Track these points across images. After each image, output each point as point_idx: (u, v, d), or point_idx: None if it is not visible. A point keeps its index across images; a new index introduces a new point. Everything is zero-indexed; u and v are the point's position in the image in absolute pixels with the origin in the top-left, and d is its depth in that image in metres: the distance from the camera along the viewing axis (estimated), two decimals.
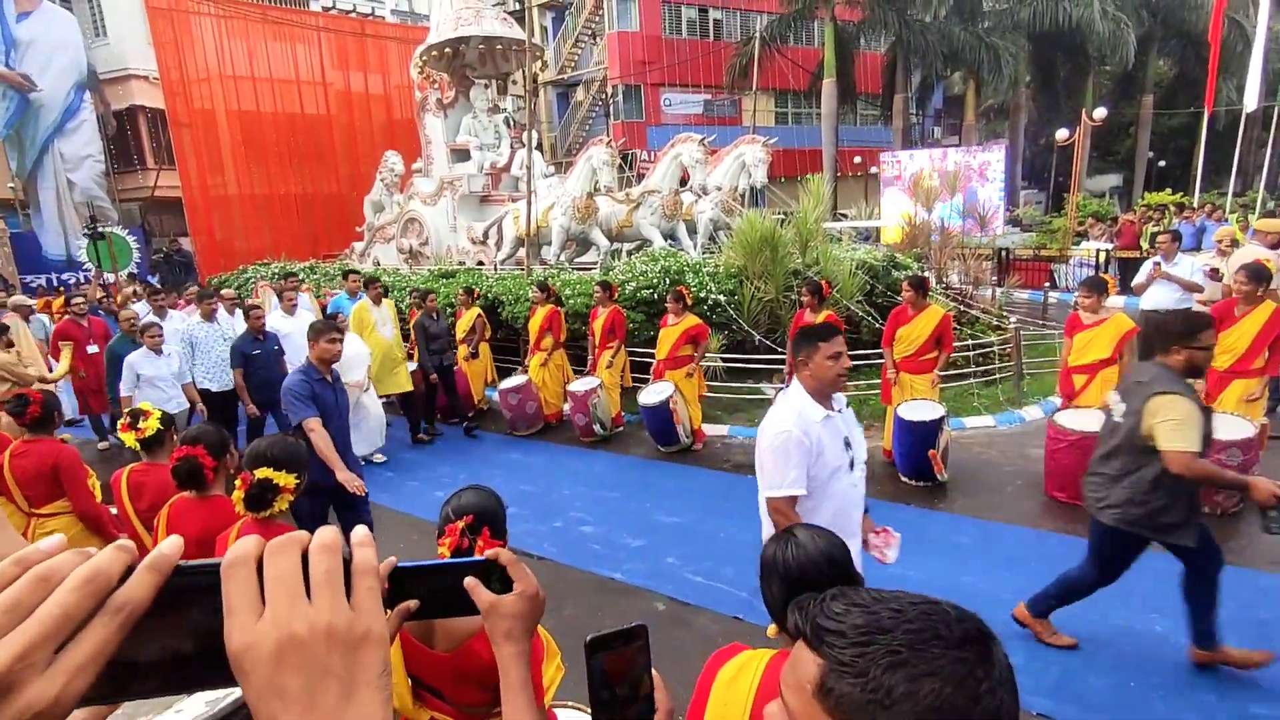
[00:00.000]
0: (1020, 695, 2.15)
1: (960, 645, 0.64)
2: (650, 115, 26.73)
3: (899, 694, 0.62)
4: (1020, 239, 17.96)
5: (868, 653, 0.64)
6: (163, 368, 6.34)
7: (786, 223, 8.93)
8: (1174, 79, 29.43)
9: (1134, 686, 3.27)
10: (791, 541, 1.49)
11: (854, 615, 0.68)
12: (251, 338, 6.72)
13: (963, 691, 0.62)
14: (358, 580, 0.52)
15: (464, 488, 1.96)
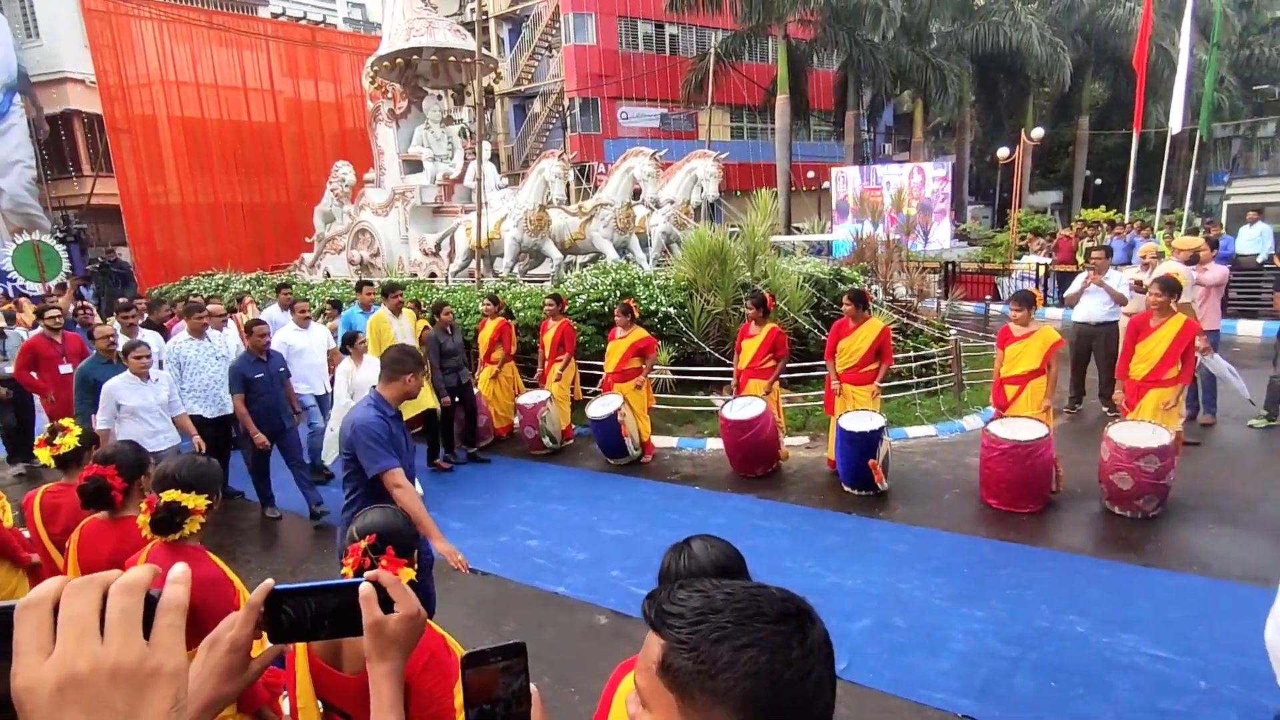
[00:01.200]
0: (949, 698, 2.24)
1: (779, 620, 0.72)
2: (607, 128, 26.88)
3: (723, 663, 0.69)
4: (966, 253, 18.55)
5: (700, 630, 0.71)
6: (149, 396, 5.23)
7: (736, 237, 9.06)
8: (1108, 101, 30.80)
9: (1055, 686, 3.38)
10: (685, 551, 1.52)
11: (693, 599, 0.75)
12: (253, 358, 5.83)
13: (778, 658, 0.69)
14: (160, 617, 0.52)
15: (369, 507, 1.95)
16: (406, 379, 3.30)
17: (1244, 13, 30.59)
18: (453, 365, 7.04)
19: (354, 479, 3.24)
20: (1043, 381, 5.46)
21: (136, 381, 5.19)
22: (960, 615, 4.01)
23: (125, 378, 5.17)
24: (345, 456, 3.22)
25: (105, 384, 5.13)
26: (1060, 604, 4.05)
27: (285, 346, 6.70)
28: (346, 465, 3.23)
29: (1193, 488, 5.41)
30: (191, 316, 6.27)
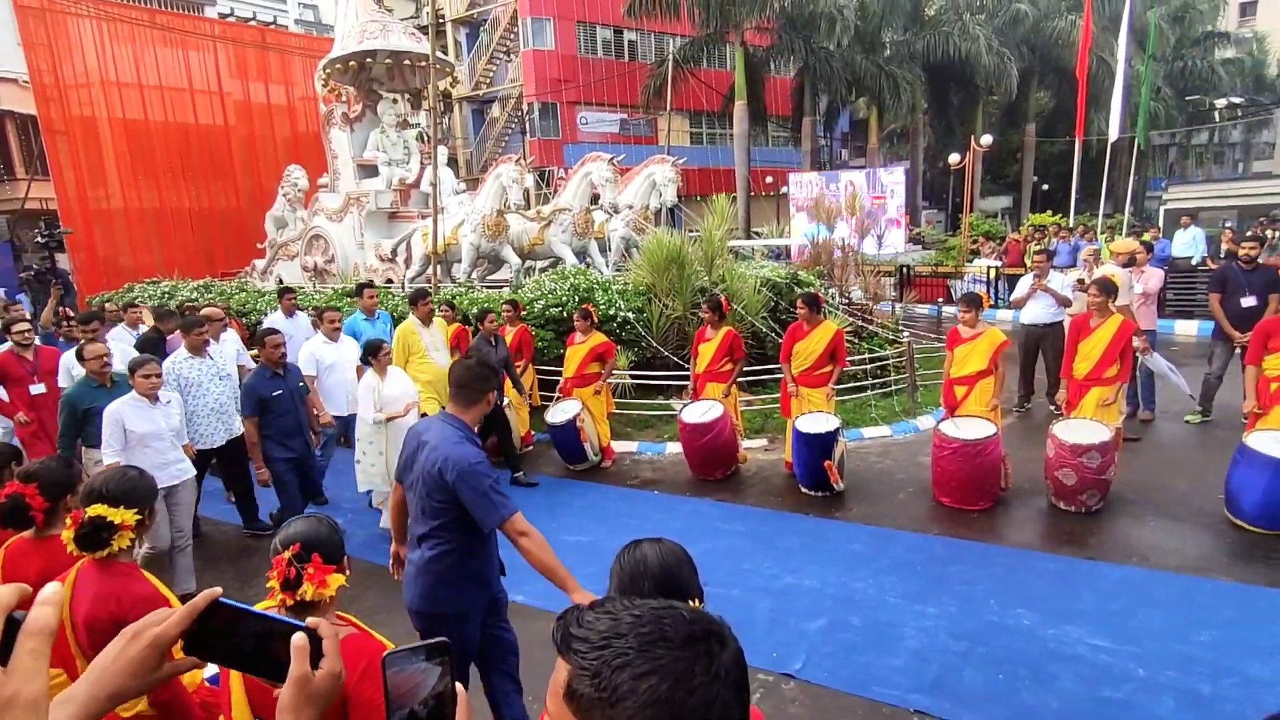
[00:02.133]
0: (902, 694, 2.26)
1: (684, 645, 0.70)
2: (567, 133, 26.83)
3: (623, 691, 0.67)
4: (920, 256, 18.98)
5: (603, 656, 0.70)
6: (159, 421, 4.50)
7: (695, 241, 9.12)
8: (1053, 110, 31.90)
9: (1003, 678, 3.47)
10: (633, 551, 1.53)
11: (601, 622, 0.73)
12: (269, 373, 5.14)
13: (679, 687, 0.68)
14: (22, 641, 0.50)
15: (297, 516, 1.90)
16: (490, 398, 2.84)
17: (1177, 26, 32.01)
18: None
19: (445, 529, 2.70)
20: (990, 381, 5.61)
21: (144, 405, 4.46)
22: (913, 612, 4.09)
23: (131, 401, 4.45)
24: (438, 503, 2.65)
25: (109, 409, 4.39)
26: (1008, 599, 4.15)
27: (314, 361, 6.07)
28: (436, 512, 2.67)
29: (1133, 482, 5.60)
30: (191, 332, 5.40)
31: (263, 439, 5.11)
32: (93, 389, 4.91)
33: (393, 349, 6.07)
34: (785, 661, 3.70)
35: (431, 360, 6.37)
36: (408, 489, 2.83)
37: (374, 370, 5.53)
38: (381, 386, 5.48)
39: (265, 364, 5.19)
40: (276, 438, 5.12)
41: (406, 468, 2.83)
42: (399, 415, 5.30)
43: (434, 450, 2.67)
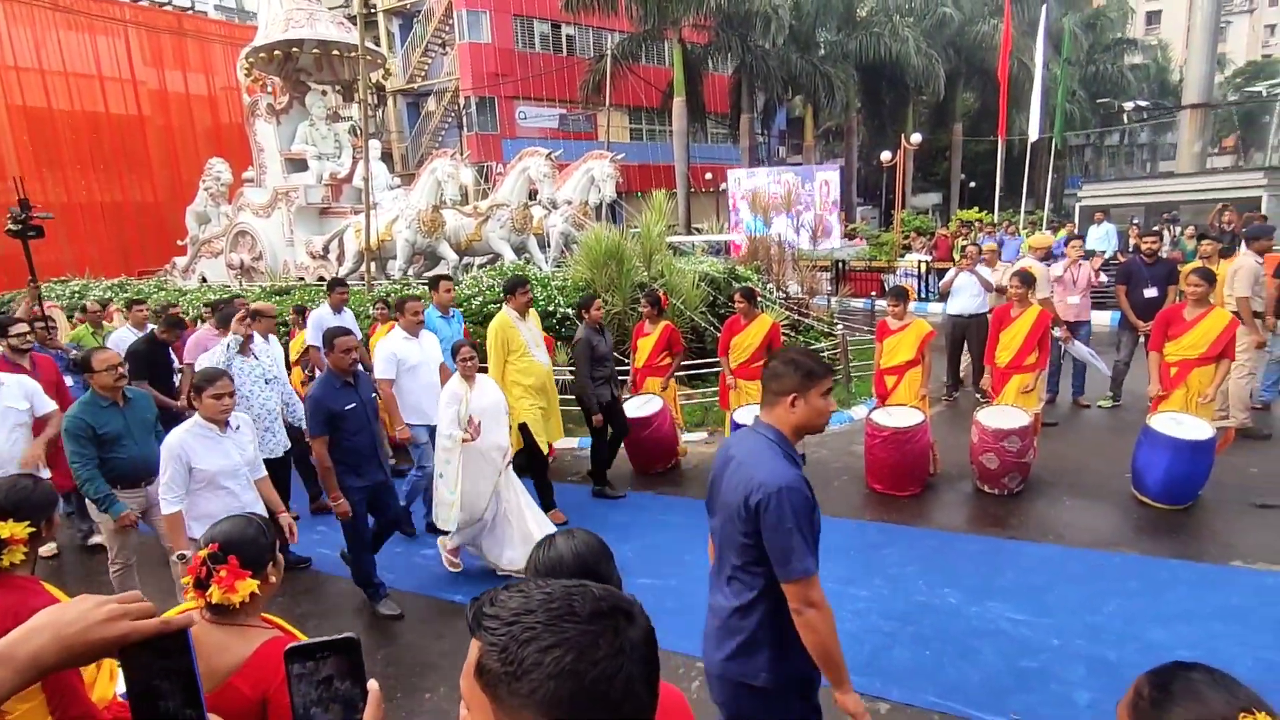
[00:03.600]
0: None
1: (591, 619, 0.72)
2: (505, 128, 26.50)
3: (529, 664, 0.69)
4: (855, 251, 19.50)
5: (511, 631, 0.71)
6: (233, 453, 3.57)
7: (634, 237, 9.14)
8: (978, 110, 33.26)
9: (929, 655, 3.60)
10: (548, 544, 1.53)
11: (513, 600, 0.74)
12: (338, 382, 4.13)
13: (583, 659, 0.69)
14: None
15: (228, 516, 1.83)
16: (813, 398, 2.07)
17: (1090, 32, 33.77)
18: (604, 375, 5.65)
19: (753, 572, 2.06)
20: (918, 371, 5.81)
21: (212, 433, 3.50)
22: (847, 596, 4.20)
23: (196, 429, 3.48)
24: (743, 536, 2.01)
25: (169, 442, 3.44)
26: (936, 579, 4.31)
27: (394, 362, 5.08)
28: (741, 550, 2.05)
29: (1051, 465, 5.89)
30: (234, 324, 4.65)
31: (333, 464, 4.11)
32: (102, 409, 3.89)
33: (488, 348, 5.31)
34: None
35: (535, 359, 5.44)
36: (710, 514, 2.27)
37: (458, 376, 4.59)
38: (470, 396, 4.52)
39: (333, 372, 4.17)
40: (348, 462, 4.13)
41: (712, 491, 2.25)
42: (469, 439, 4.46)
43: (740, 467, 2.09)
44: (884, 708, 3.26)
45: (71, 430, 3.84)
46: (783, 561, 1.97)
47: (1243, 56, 52.30)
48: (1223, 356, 5.15)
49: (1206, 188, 18.97)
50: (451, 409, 4.48)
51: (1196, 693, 0.99)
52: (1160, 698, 1.02)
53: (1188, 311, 5.28)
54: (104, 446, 3.90)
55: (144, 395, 4.21)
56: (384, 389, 5.00)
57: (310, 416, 4.09)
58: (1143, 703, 1.04)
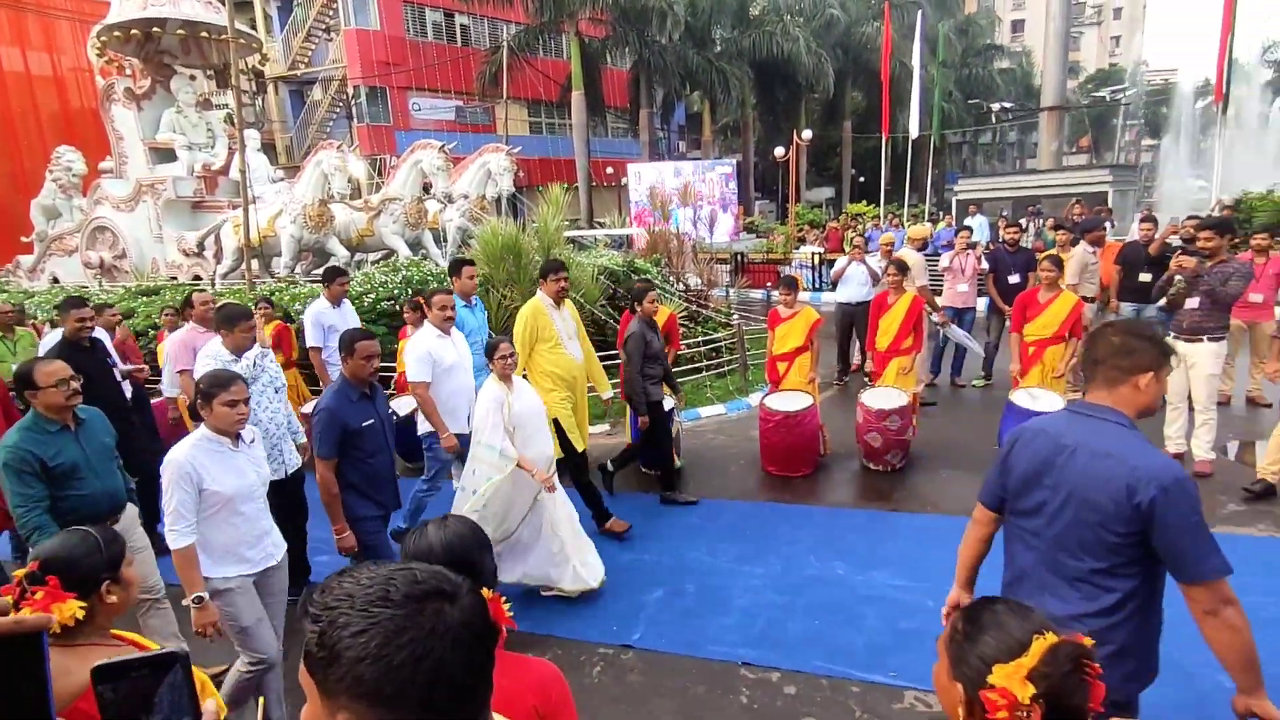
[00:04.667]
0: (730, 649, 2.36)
1: (402, 603, 0.72)
2: (398, 119, 25.55)
3: (339, 649, 0.70)
4: (753, 244, 20.10)
5: (330, 616, 0.72)
6: (248, 472, 3.00)
7: (532, 231, 9.05)
8: (865, 109, 34.93)
9: (819, 624, 3.79)
10: (416, 537, 1.52)
11: (343, 587, 0.75)
12: (355, 392, 3.54)
13: (390, 642, 0.70)
14: None
15: (57, 531, 1.70)
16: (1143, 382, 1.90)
17: (963, 38, 36.16)
18: (655, 373, 5.32)
19: (1121, 574, 1.85)
20: (807, 357, 6.06)
21: (224, 447, 2.92)
22: (743, 574, 4.36)
23: (205, 443, 2.88)
24: (1116, 535, 1.81)
25: (177, 460, 2.80)
26: (825, 553, 4.54)
27: (430, 363, 4.51)
28: (1109, 549, 1.83)
29: (930, 441, 6.31)
30: (237, 327, 4.03)
31: (343, 489, 3.49)
32: (50, 435, 3.16)
33: (515, 336, 4.79)
34: (624, 633, 3.81)
35: (566, 351, 4.94)
36: (1020, 513, 2.06)
37: (495, 378, 4.10)
38: (511, 400, 4.04)
39: (350, 381, 3.53)
40: (364, 488, 3.55)
41: (1028, 483, 2.02)
42: (543, 477, 4.05)
43: (1105, 459, 1.84)
44: (775, 677, 3.40)
45: (12, 465, 3.01)
46: (1193, 560, 1.76)
47: (1094, 64, 57.53)
48: (1072, 335, 5.66)
49: (1063, 183, 20.78)
50: (494, 416, 3.97)
51: (1000, 623, 1.12)
52: (971, 630, 1.14)
53: (1041, 295, 5.78)
54: (57, 483, 3.13)
55: (98, 414, 3.50)
56: (421, 394, 4.50)
57: (322, 433, 3.40)
58: (958, 636, 1.16)
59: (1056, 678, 1.05)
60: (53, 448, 3.14)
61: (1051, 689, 1.05)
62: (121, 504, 3.43)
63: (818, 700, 3.24)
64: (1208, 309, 5.15)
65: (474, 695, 0.76)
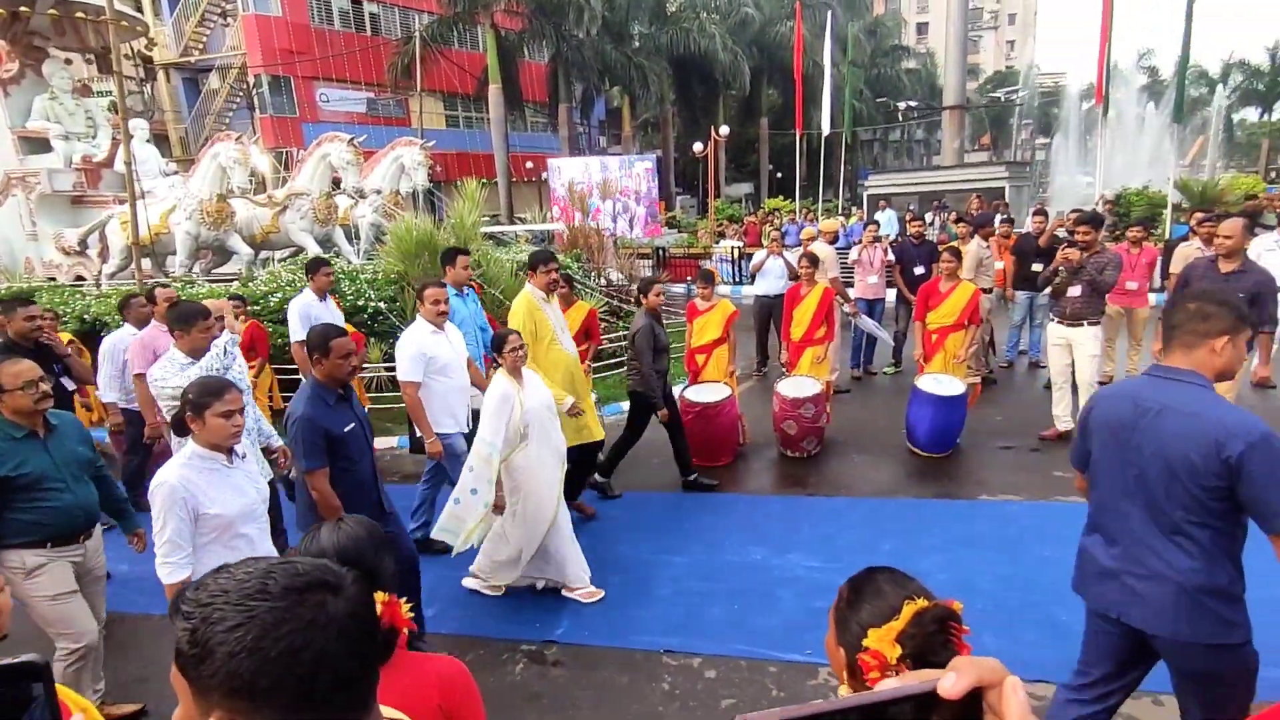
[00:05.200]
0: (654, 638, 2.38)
1: (281, 596, 0.71)
2: (305, 111, 24.43)
3: (213, 645, 0.68)
4: (674, 239, 20.29)
5: (202, 613, 0.70)
6: (247, 489, 2.75)
7: (449, 226, 8.85)
8: (781, 105, 35.78)
9: (738, 608, 3.89)
10: (312, 536, 1.48)
11: (217, 583, 0.73)
12: (333, 394, 3.26)
13: (268, 635, 0.68)
14: None
15: None
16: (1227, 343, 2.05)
17: (872, 38, 37.59)
18: (664, 367, 5.34)
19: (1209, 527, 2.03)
20: (725, 349, 6.18)
21: (218, 464, 2.63)
22: (665, 563, 4.41)
23: (197, 461, 2.59)
24: (1203, 489, 1.98)
25: (171, 480, 2.51)
26: (744, 539, 4.65)
27: (423, 360, 4.26)
28: (1197, 505, 2.02)
29: (843, 427, 6.55)
30: (194, 326, 3.66)
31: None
32: (15, 442, 2.89)
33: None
34: (548, 629, 3.80)
35: (563, 347, 4.82)
36: (1107, 469, 2.20)
37: (504, 372, 3.89)
38: (522, 396, 3.87)
39: (326, 381, 3.24)
40: (350, 499, 3.22)
41: (1109, 444, 2.18)
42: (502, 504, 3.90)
43: (1192, 418, 1.99)
44: (696, 662, 3.47)
45: None
46: (1277, 511, 1.88)
47: (992, 66, 60.87)
48: (970, 322, 5.99)
49: (965, 179, 21.93)
50: (503, 414, 3.77)
51: (879, 591, 1.20)
52: (853, 598, 1.22)
53: (942, 285, 6.09)
54: (20, 495, 2.86)
55: (74, 421, 3.20)
56: (411, 395, 4.24)
57: (307, 443, 3.11)
58: (842, 603, 1.23)
59: (921, 638, 1.13)
60: (15, 457, 2.85)
61: (917, 649, 1.12)
62: (95, 520, 3.17)
63: (736, 682, 3.32)
64: (1088, 296, 5.56)
65: (359, 687, 0.76)
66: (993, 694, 0.42)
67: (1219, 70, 42.82)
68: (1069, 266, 5.58)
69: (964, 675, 0.41)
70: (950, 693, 0.41)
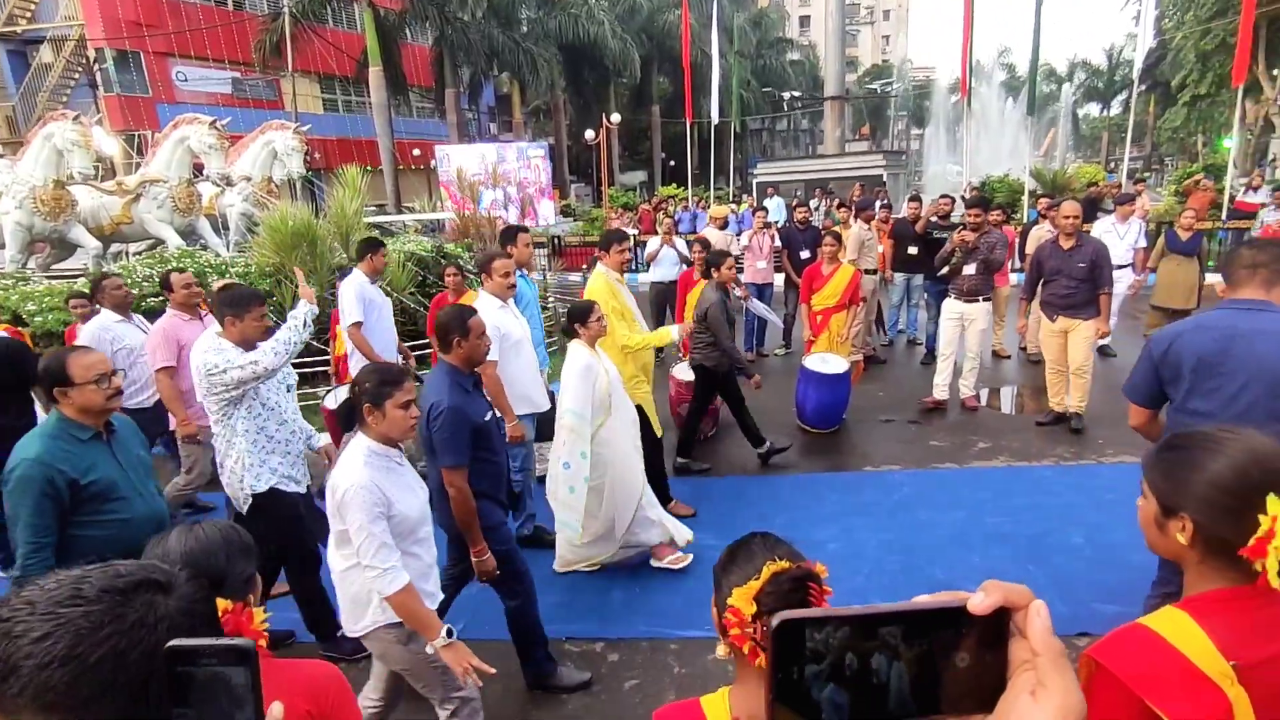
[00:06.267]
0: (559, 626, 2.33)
1: (98, 599, 0.67)
2: (160, 90, 22.38)
3: (18, 660, 0.64)
4: (570, 227, 20.15)
5: (5, 628, 0.66)
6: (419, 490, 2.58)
7: (326, 215, 8.38)
8: (672, 94, 36.15)
9: (639, 590, 3.93)
10: (154, 544, 1.41)
11: (21, 596, 0.68)
12: (467, 380, 3.00)
13: (84, 641, 0.65)
14: None
15: None
16: None
17: (757, 30, 38.60)
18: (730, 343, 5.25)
19: None
20: None
21: (393, 460, 2.42)
22: None
23: (374, 459, 2.34)
24: None
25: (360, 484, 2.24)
26: None
27: (497, 337, 3.80)
28: None
29: None
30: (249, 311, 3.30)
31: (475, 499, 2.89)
32: (81, 445, 2.50)
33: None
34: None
35: (641, 327, 4.65)
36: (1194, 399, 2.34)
37: (584, 344, 3.80)
38: (609, 370, 3.82)
39: (463, 365, 2.97)
40: (492, 491, 3.04)
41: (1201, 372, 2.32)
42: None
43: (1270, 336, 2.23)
44: (599, 646, 3.48)
45: (35, 481, 2.34)
46: None
47: (869, 60, 64.07)
48: (852, 303, 6.29)
49: (847, 167, 23.01)
50: (588, 382, 3.70)
51: (750, 554, 1.26)
52: (727, 560, 1.31)
53: (824, 268, 6.35)
54: (87, 507, 2.47)
55: (127, 421, 2.82)
56: (490, 374, 3.86)
57: (453, 438, 2.79)
58: (719, 566, 1.29)
59: (778, 597, 1.19)
60: (85, 462, 2.46)
61: (774, 607, 1.18)
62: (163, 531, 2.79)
63: (638, 663, 3.35)
64: (981, 274, 6.04)
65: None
66: (1020, 615, 0.44)
67: (1066, 69, 47.10)
68: (964, 247, 6.01)
69: (992, 594, 0.43)
70: (978, 608, 0.43)
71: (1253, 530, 1.07)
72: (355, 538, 2.24)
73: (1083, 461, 5.26)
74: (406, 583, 2.28)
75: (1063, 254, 5.49)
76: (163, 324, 4.51)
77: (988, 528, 4.33)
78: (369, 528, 2.23)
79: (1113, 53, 44.50)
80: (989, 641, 0.44)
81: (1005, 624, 0.44)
